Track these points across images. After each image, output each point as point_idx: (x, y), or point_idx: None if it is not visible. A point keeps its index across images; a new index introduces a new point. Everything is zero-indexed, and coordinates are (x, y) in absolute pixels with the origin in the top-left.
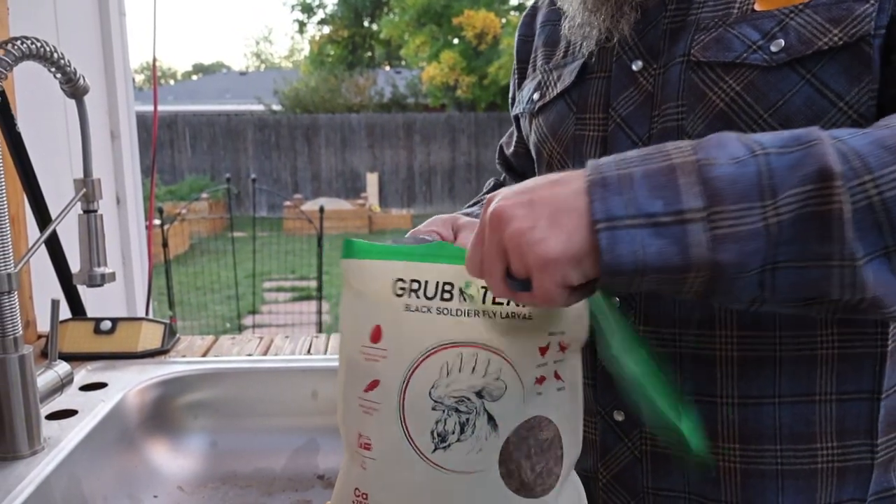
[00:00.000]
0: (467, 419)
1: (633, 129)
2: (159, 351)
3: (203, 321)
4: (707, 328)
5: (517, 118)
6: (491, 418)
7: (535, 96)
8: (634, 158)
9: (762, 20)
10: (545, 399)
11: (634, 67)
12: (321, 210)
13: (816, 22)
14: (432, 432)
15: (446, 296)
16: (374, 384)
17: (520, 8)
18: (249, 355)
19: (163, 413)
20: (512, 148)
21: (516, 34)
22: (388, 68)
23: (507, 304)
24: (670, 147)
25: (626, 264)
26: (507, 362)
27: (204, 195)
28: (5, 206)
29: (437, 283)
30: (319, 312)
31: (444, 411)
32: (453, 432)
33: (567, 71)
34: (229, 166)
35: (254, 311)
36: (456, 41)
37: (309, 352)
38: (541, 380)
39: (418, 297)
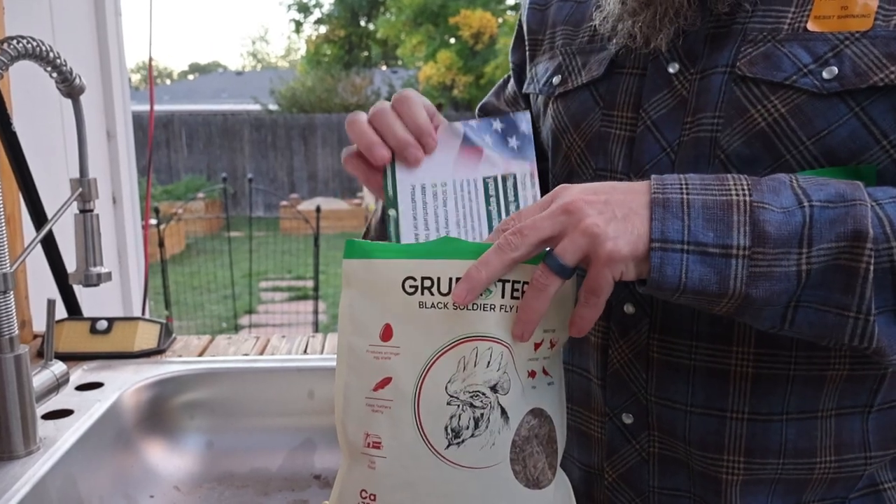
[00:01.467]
0: (482, 414)
1: (663, 133)
2: (155, 351)
3: (199, 321)
4: (723, 343)
5: (526, 95)
6: (504, 412)
7: (556, 80)
8: (696, 185)
9: (815, 42)
10: (539, 393)
11: (671, 70)
12: (318, 210)
13: (873, 55)
14: (446, 427)
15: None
16: (385, 382)
17: (516, 8)
18: (246, 355)
19: (159, 413)
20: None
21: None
22: (384, 68)
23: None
24: (730, 181)
25: (669, 283)
26: (511, 356)
27: (200, 195)
28: (1, 205)
29: (451, 279)
30: (316, 312)
31: (459, 406)
32: (467, 427)
33: (594, 60)
34: (226, 166)
35: (250, 311)
36: (452, 41)
37: (305, 352)
38: (532, 374)
39: (432, 293)
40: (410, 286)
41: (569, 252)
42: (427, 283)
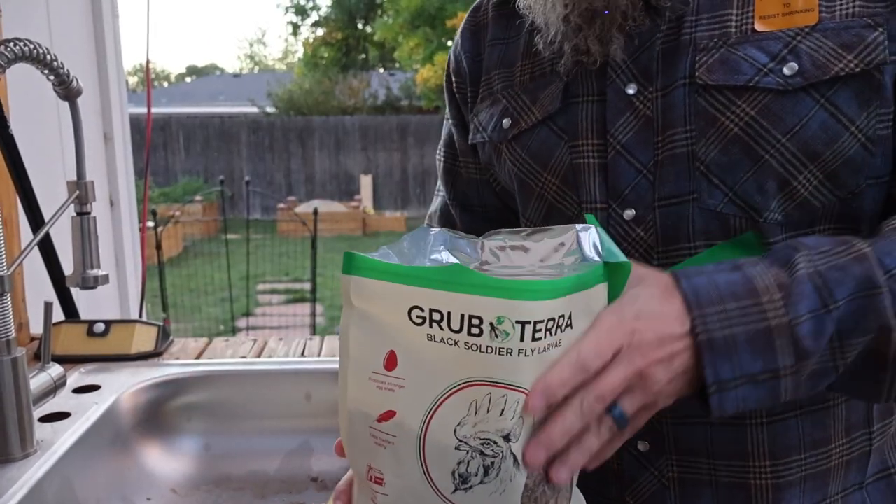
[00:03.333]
0: (493, 462)
1: (635, 155)
2: (153, 353)
3: (196, 323)
4: None
5: (473, 147)
6: (516, 459)
7: (506, 123)
8: (734, 311)
9: (767, 42)
10: None
11: (630, 91)
12: (315, 212)
13: (828, 47)
14: (453, 472)
15: (475, 330)
16: (388, 415)
17: None
18: (243, 358)
19: (156, 415)
20: (464, 176)
21: (460, 52)
22: (381, 70)
23: (545, 339)
24: (763, 296)
25: (728, 412)
26: (525, 397)
27: (197, 197)
28: None
29: (463, 315)
30: (313, 315)
31: (468, 452)
32: (476, 475)
33: (545, 95)
34: (223, 168)
35: (247, 314)
36: (450, 43)
37: (303, 354)
38: None
39: (441, 328)
40: (417, 316)
41: (629, 407)
42: (436, 315)
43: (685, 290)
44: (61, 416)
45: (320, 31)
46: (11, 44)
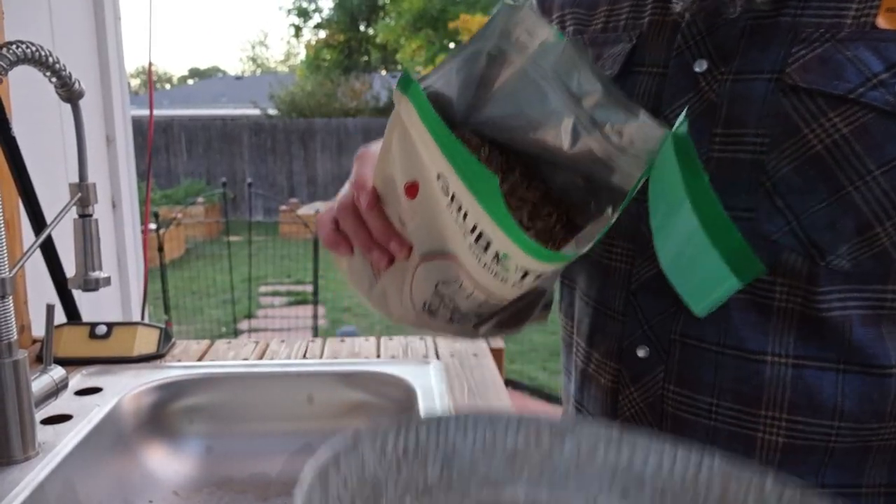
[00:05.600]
0: (458, 317)
1: None
2: (155, 355)
3: (199, 325)
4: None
5: None
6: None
7: None
8: None
9: (888, 45)
10: None
11: (697, 68)
12: (317, 214)
13: None
14: (425, 303)
15: (481, 242)
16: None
17: None
18: (245, 360)
19: (158, 418)
20: None
21: None
22: (384, 73)
23: (536, 280)
24: None
25: None
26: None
27: (200, 199)
28: (0, 210)
29: (476, 226)
30: (315, 317)
31: (440, 301)
32: (443, 311)
33: (608, 55)
34: (225, 170)
35: (249, 316)
36: (452, 45)
37: (305, 356)
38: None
39: (456, 213)
40: (442, 186)
41: None
42: (456, 202)
43: None
44: (63, 418)
45: (322, 34)
46: (14, 46)
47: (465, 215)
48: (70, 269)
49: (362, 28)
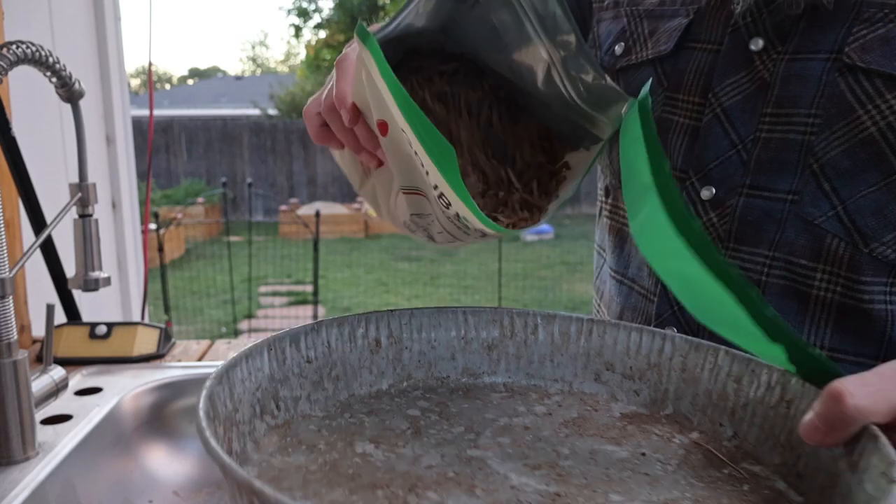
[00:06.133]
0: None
1: (735, 124)
2: (155, 356)
3: (199, 326)
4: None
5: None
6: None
7: (619, 49)
8: None
9: None
10: None
11: (753, 47)
12: (317, 214)
13: None
14: (405, 221)
15: (443, 201)
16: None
17: None
18: None
19: (158, 418)
20: None
21: None
22: None
23: (485, 237)
24: None
25: None
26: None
27: (200, 199)
28: (0, 210)
29: (437, 186)
30: (315, 317)
31: (415, 224)
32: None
33: (663, 30)
34: (225, 171)
35: (250, 316)
36: None
37: None
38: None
39: (417, 163)
40: (407, 138)
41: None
42: (418, 154)
43: None
44: (63, 418)
45: (322, 34)
46: (14, 46)
47: (428, 173)
48: (70, 269)
49: None
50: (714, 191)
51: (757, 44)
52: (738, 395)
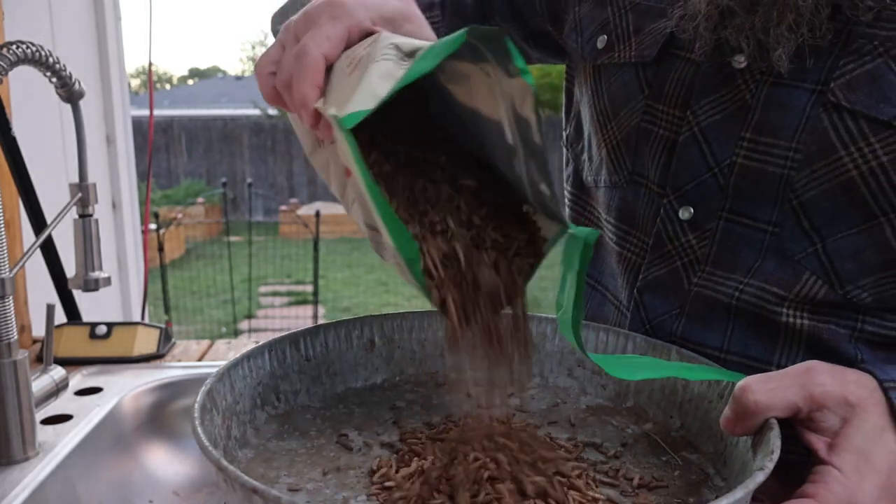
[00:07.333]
0: None
1: (712, 145)
2: (155, 356)
3: (199, 326)
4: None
5: (559, 24)
6: None
7: (600, 42)
8: None
9: None
10: None
11: (735, 64)
12: (317, 214)
13: None
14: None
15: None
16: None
17: None
18: None
19: (158, 418)
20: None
21: None
22: None
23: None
24: None
25: None
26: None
27: (200, 199)
28: (0, 210)
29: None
30: (315, 317)
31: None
32: None
33: (648, 31)
34: (225, 171)
35: (250, 316)
36: None
37: None
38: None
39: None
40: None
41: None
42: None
43: None
44: (63, 418)
45: None
46: (14, 46)
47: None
48: (70, 269)
49: None
50: (693, 211)
51: (740, 61)
52: (685, 390)
